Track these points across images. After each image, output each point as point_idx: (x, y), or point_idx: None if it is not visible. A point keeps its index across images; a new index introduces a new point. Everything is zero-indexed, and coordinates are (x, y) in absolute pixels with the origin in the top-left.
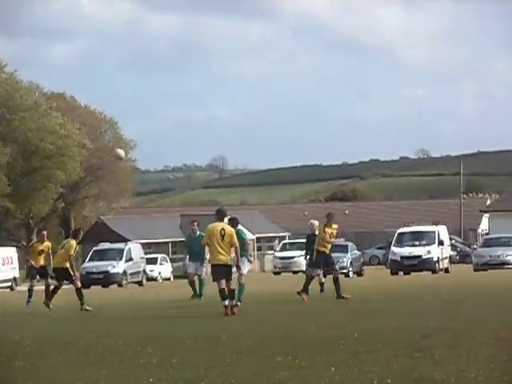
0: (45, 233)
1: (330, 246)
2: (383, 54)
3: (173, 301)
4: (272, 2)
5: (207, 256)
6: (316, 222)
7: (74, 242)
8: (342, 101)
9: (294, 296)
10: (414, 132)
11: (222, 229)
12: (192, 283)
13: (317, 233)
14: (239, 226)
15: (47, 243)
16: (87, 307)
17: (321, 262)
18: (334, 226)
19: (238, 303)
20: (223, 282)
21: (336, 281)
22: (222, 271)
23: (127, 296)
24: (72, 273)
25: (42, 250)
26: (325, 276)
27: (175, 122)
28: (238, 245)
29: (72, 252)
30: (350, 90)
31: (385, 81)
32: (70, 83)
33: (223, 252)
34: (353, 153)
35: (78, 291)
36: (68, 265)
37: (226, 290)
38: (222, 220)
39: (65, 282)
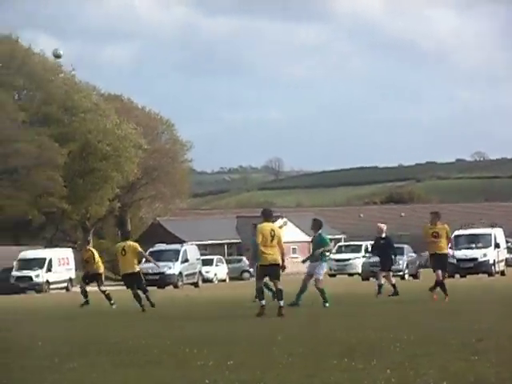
0: (90, 240)
1: (440, 245)
2: (436, 56)
3: (228, 302)
4: (325, 4)
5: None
6: (383, 226)
7: (135, 243)
8: (397, 103)
9: (349, 298)
10: (469, 134)
11: (272, 230)
12: (265, 284)
13: (383, 235)
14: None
15: (89, 252)
16: (145, 308)
17: (439, 264)
18: (440, 225)
19: (327, 304)
20: (263, 281)
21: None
22: (269, 271)
23: (183, 297)
24: (142, 277)
25: (86, 261)
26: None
27: (231, 124)
28: (284, 248)
29: (140, 249)
30: (405, 92)
31: (439, 83)
32: (126, 85)
33: (272, 252)
34: (409, 155)
35: (147, 292)
36: (138, 268)
37: (275, 289)
38: (269, 220)
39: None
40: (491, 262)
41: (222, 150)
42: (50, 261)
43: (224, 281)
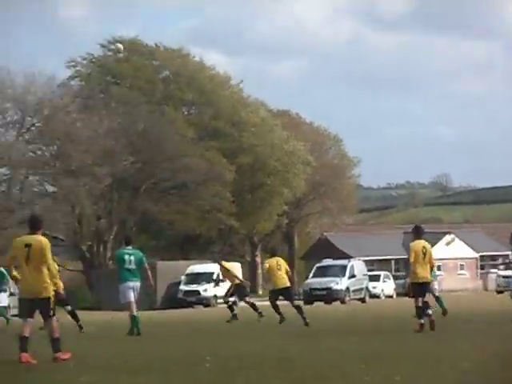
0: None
1: None
2: None
3: (394, 318)
4: (493, 20)
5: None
6: None
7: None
8: None
9: None
10: None
11: (423, 247)
12: (437, 299)
13: None
14: None
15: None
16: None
17: None
18: None
19: None
20: (421, 299)
21: None
22: (420, 288)
23: (349, 312)
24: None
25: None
26: None
27: (399, 140)
28: (433, 263)
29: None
30: None
31: None
32: (294, 100)
33: (423, 270)
34: None
35: (299, 308)
36: (289, 284)
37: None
38: (420, 237)
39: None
40: None
41: (389, 166)
42: (218, 275)
43: (391, 297)
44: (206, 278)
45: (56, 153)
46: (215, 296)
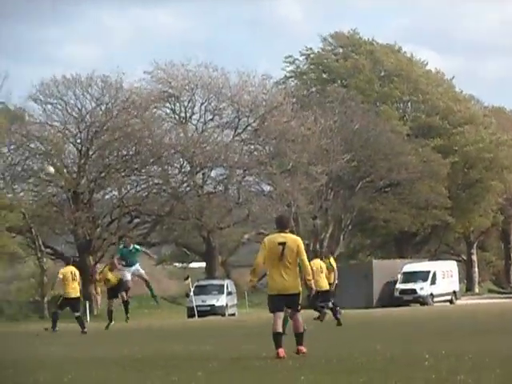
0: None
1: None
2: None
3: None
4: None
5: None
6: None
7: None
8: None
9: None
10: None
11: None
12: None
13: None
14: None
15: None
16: None
17: None
18: None
19: None
20: None
21: None
22: None
23: None
24: None
25: None
26: None
27: None
28: None
29: None
30: None
31: None
32: (507, 98)
33: None
34: None
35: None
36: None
37: None
38: None
39: None
40: None
41: None
42: (434, 274)
43: None
44: (423, 276)
45: (272, 152)
46: (431, 294)
